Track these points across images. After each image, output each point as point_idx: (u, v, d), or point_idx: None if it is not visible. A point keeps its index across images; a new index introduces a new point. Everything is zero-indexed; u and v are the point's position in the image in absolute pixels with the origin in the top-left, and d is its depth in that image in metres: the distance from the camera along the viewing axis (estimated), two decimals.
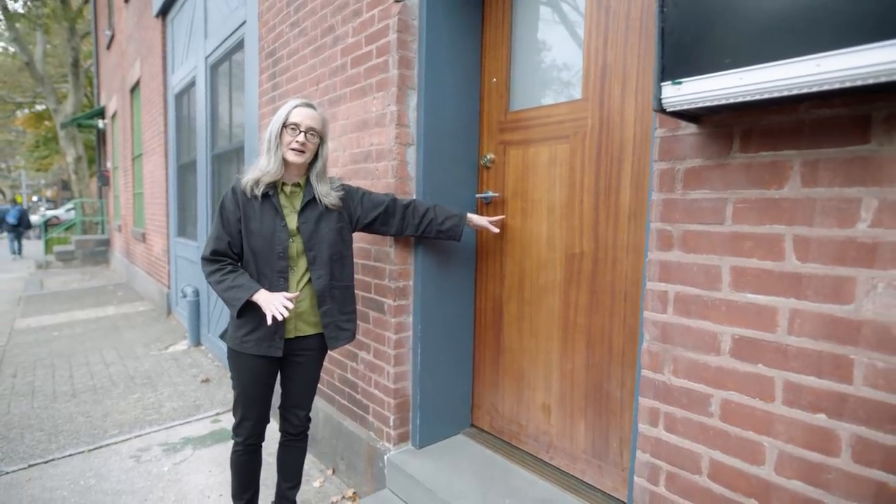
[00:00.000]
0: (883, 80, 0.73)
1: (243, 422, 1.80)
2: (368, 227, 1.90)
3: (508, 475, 1.94)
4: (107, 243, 10.95)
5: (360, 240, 2.24)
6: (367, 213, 1.86)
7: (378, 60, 2.09)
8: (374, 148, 2.14)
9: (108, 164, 10.77)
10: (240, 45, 3.58)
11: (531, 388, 2.05)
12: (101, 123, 10.80)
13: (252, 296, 1.62)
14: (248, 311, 1.68)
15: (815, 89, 0.80)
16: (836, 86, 0.78)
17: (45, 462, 2.59)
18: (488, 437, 2.23)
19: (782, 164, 0.99)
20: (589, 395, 1.84)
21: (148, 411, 3.24)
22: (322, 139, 1.75)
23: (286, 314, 1.57)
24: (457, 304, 2.22)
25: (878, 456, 0.89)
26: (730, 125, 1.06)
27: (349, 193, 1.86)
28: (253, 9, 3.20)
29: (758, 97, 0.86)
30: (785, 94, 0.83)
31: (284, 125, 1.67)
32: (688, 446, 1.16)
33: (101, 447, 2.76)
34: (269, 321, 1.57)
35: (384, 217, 1.88)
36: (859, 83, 0.76)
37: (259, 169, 1.69)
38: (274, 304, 1.58)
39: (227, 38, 3.77)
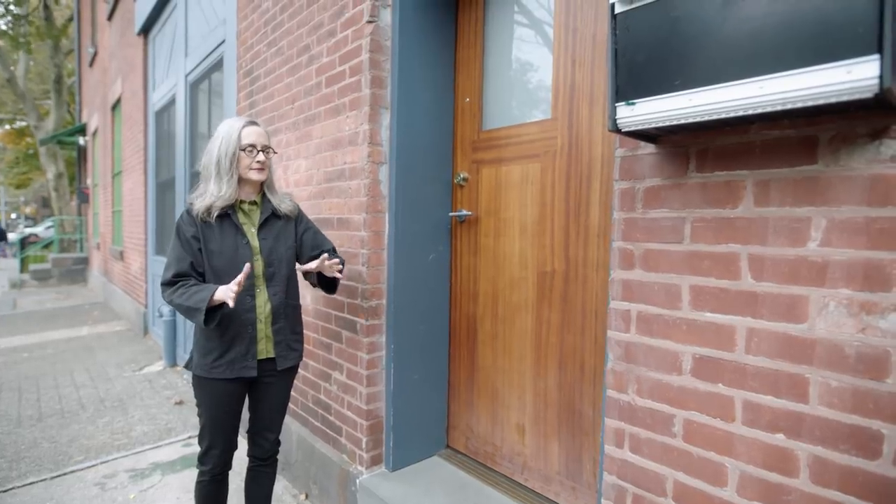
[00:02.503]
0: (822, 102, 0.75)
1: (211, 450, 1.73)
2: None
3: (481, 498, 1.90)
4: (85, 262, 10.74)
5: None
6: (300, 248, 1.83)
7: (351, 80, 2.09)
8: (347, 166, 2.13)
9: (88, 182, 10.63)
10: (219, 64, 3.58)
11: (505, 407, 2.03)
12: (81, 140, 10.68)
13: (214, 294, 1.53)
14: (214, 335, 1.64)
15: (759, 111, 0.81)
16: (779, 107, 0.79)
17: (4, 491, 2.48)
18: (463, 459, 2.19)
19: (736, 183, 1.00)
20: (562, 414, 1.82)
21: (117, 435, 3.14)
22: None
23: (235, 289, 1.51)
24: (431, 323, 2.20)
25: (834, 476, 0.89)
26: (686, 145, 1.07)
27: (300, 217, 1.86)
28: (232, 28, 3.21)
29: (707, 118, 0.87)
30: (732, 115, 0.84)
31: (241, 148, 1.65)
32: (653, 468, 1.15)
33: (64, 474, 2.66)
34: (231, 304, 1.51)
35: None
36: (800, 105, 0.77)
37: (211, 195, 1.65)
38: (226, 293, 1.51)
39: (206, 57, 3.77)
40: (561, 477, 1.83)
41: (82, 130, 10.64)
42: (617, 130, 1.00)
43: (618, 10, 0.96)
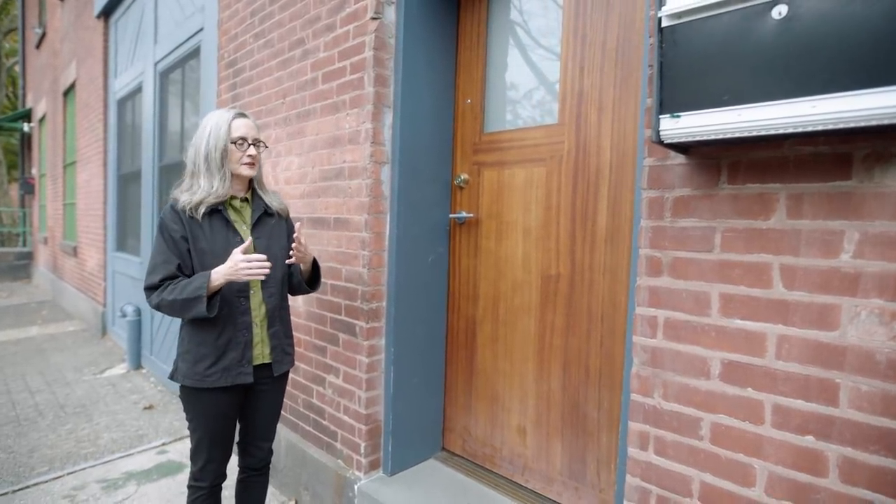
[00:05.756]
0: (874, 123, 0.79)
1: (208, 464, 1.63)
2: None
3: (483, 500, 1.90)
4: (29, 257, 10.05)
5: (329, 259, 2.17)
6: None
7: (353, 77, 2.04)
8: (346, 165, 2.09)
9: (34, 171, 9.95)
10: (195, 53, 3.42)
11: (506, 410, 2.04)
12: (26, 127, 9.98)
13: (211, 278, 1.47)
14: (208, 340, 1.56)
15: (809, 129, 0.84)
16: (830, 126, 0.82)
17: None
18: (461, 461, 2.19)
19: (769, 196, 1.04)
20: (565, 416, 1.85)
21: (82, 444, 2.95)
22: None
23: (266, 266, 1.48)
24: (429, 326, 2.19)
25: (864, 476, 0.94)
26: (717, 157, 1.11)
27: (288, 218, 1.81)
28: (212, 16, 3.08)
29: (755, 133, 0.90)
30: (781, 132, 0.87)
31: (231, 141, 1.58)
32: (678, 469, 1.18)
33: (27, 487, 2.48)
34: (261, 276, 1.49)
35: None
36: (852, 125, 0.81)
37: (203, 191, 1.56)
38: (241, 268, 1.46)
39: (180, 45, 3.60)
40: (563, 478, 1.86)
41: (27, 116, 9.94)
42: (660, 142, 1.02)
43: (665, 24, 0.97)
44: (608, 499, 1.72)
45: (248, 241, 1.51)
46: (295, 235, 1.61)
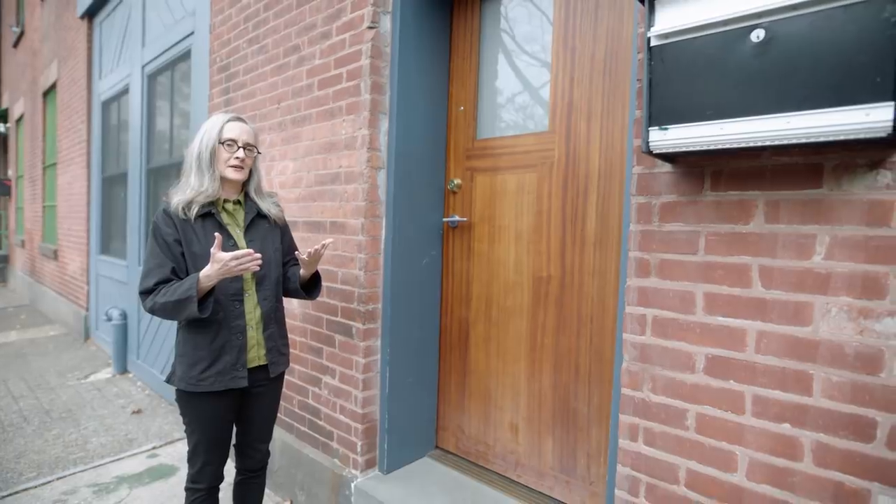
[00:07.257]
0: (842, 138, 0.87)
1: (206, 467, 1.66)
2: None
3: (477, 496, 1.96)
4: (5, 260, 9.82)
5: (325, 262, 2.21)
6: (285, 253, 1.82)
7: (349, 84, 2.10)
8: (342, 170, 2.13)
9: (10, 173, 9.73)
10: (185, 56, 3.43)
11: (498, 408, 2.10)
12: (2, 127, 9.76)
13: (199, 279, 1.46)
14: (203, 344, 1.58)
15: (785, 142, 0.93)
16: (803, 140, 0.91)
17: None
18: (454, 459, 2.24)
19: (748, 202, 1.13)
20: (556, 412, 1.92)
21: (71, 449, 2.93)
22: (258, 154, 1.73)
23: (256, 258, 1.49)
24: (423, 327, 2.24)
25: (835, 459, 1.03)
26: (701, 166, 1.19)
27: (285, 226, 1.84)
28: (203, 21, 3.09)
29: (735, 146, 0.98)
30: (759, 144, 0.96)
31: (220, 141, 1.60)
32: (666, 458, 1.26)
33: (17, 492, 2.46)
34: (256, 268, 1.50)
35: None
36: (822, 139, 0.89)
37: (192, 189, 1.57)
38: (232, 266, 1.45)
39: (170, 48, 3.60)
40: (555, 472, 1.93)
41: (3, 116, 9.72)
42: (649, 152, 1.10)
43: (654, 43, 1.05)
44: (598, 491, 1.80)
45: (219, 238, 1.46)
46: (316, 247, 1.65)
